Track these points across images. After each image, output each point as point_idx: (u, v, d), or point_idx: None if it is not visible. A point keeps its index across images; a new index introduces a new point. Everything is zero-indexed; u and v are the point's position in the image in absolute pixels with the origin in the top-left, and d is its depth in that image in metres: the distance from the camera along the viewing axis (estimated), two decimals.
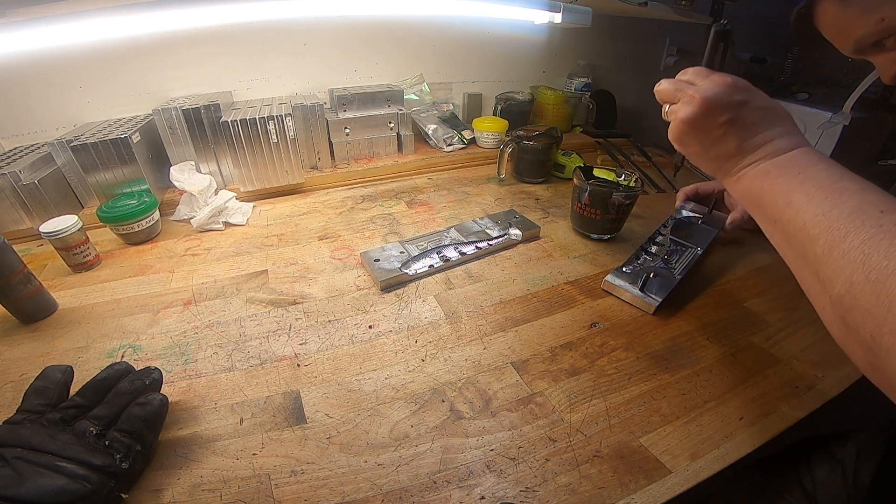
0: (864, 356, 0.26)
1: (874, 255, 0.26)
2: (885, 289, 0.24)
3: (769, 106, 0.37)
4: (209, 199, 0.73)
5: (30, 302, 0.52)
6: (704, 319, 0.54)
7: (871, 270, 0.25)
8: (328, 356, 0.47)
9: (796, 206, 0.32)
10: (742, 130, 0.37)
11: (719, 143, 0.38)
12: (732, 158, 0.38)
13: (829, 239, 0.28)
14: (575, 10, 0.78)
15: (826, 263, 0.28)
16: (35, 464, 0.30)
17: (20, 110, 0.78)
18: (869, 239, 0.26)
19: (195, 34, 0.82)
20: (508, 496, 0.34)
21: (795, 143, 0.36)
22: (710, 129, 0.38)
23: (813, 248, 0.30)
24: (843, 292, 0.27)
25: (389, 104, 0.93)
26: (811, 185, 0.32)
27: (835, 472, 0.47)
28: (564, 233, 0.72)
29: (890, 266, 0.25)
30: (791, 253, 0.33)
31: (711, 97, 0.36)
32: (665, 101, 0.42)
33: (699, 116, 0.37)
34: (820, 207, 0.30)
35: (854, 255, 0.27)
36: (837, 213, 0.29)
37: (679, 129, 0.39)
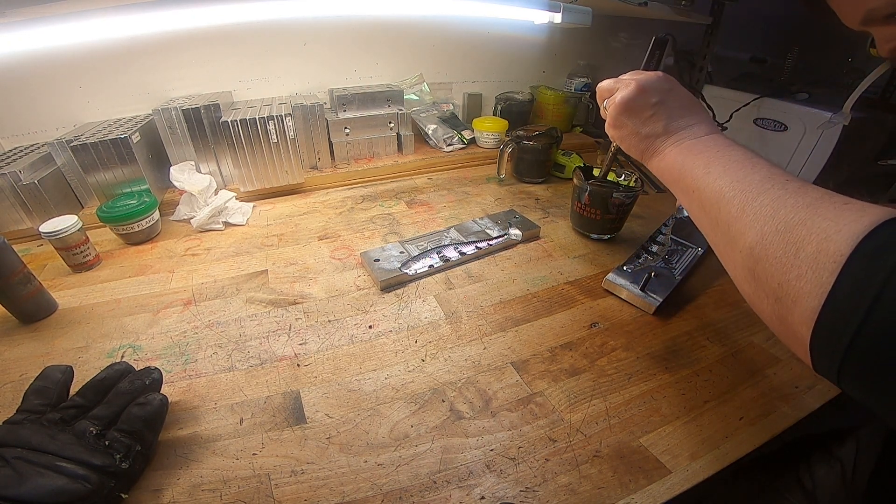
0: (772, 308, 0.28)
1: (782, 209, 0.28)
2: (792, 238, 0.27)
3: (690, 98, 0.44)
4: (209, 199, 0.73)
5: (30, 302, 0.52)
6: (704, 319, 0.54)
7: (779, 222, 0.28)
8: (328, 356, 0.47)
9: (714, 174, 0.35)
10: (668, 112, 0.42)
11: (649, 123, 0.43)
12: (659, 137, 0.43)
13: (742, 199, 0.31)
14: (575, 10, 0.78)
15: (739, 220, 0.31)
16: (35, 464, 0.30)
17: (20, 110, 0.78)
18: (777, 198, 0.29)
19: (195, 34, 0.82)
20: (508, 496, 0.34)
21: (713, 129, 0.41)
22: (642, 109, 0.43)
23: (727, 208, 0.32)
24: (755, 243, 0.29)
25: (389, 104, 0.93)
26: (727, 159, 0.36)
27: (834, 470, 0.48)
28: (564, 233, 0.72)
29: (796, 217, 0.27)
30: (706, 218, 0.36)
31: (644, 81, 0.43)
32: (604, 97, 0.47)
33: (634, 97, 0.43)
34: (735, 175, 0.33)
35: (765, 211, 0.29)
36: (750, 179, 0.32)
37: (615, 111, 0.45)
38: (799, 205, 0.28)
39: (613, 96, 0.45)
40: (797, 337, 0.26)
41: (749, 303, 0.32)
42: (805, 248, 0.25)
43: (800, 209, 0.27)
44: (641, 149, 0.44)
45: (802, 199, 0.28)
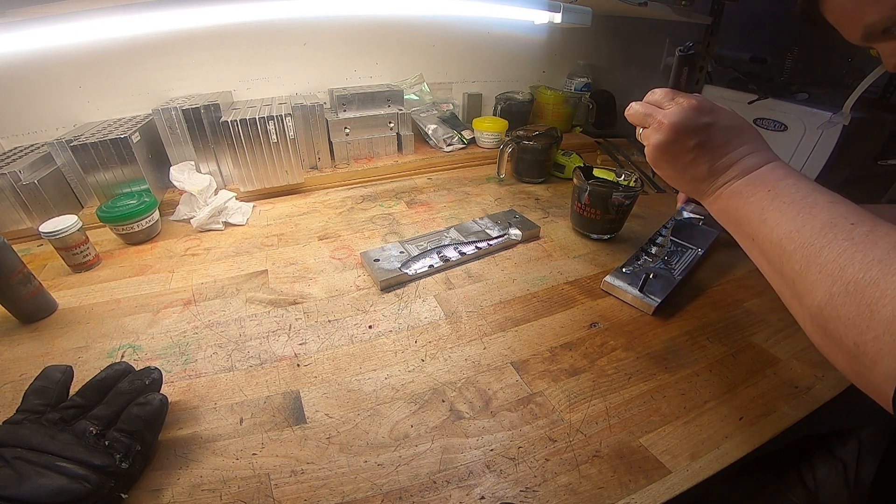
0: (848, 363, 0.27)
1: (849, 267, 0.26)
2: (863, 299, 0.25)
3: (735, 125, 0.38)
4: (209, 199, 0.73)
5: (30, 302, 0.51)
6: (704, 319, 0.54)
7: (848, 282, 0.26)
8: (328, 356, 0.47)
9: (770, 223, 0.33)
10: (711, 152, 0.38)
11: (691, 167, 0.39)
12: (706, 180, 0.39)
13: (805, 255, 0.29)
14: (575, 10, 0.78)
15: (804, 278, 0.29)
16: (35, 464, 0.30)
17: (20, 110, 0.78)
18: (843, 252, 0.27)
19: (195, 34, 0.82)
20: (508, 496, 0.34)
21: (764, 159, 0.36)
22: (680, 154, 0.39)
23: (790, 263, 0.30)
24: (824, 304, 0.28)
25: (389, 104, 0.93)
26: (782, 202, 0.32)
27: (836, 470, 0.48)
28: (564, 233, 0.72)
29: (866, 277, 0.25)
30: (769, 268, 0.34)
31: (678, 123, 0.37)
32: (637, 124, 0.43)
33: (669, 142, 0.38)
34: (793, 223, 0.31)
35: (831, 269, 0.27)
36: (810, 229, 0.30)
37: (652, 155, 0.41)
38: (868, 260, 0.26)
39: (647, 134, 0.41)
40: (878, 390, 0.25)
41: (821, 352, 0.30)
42: (880, 309, 0.24)
43: (871, 267, 0.25)
44: (690, 191, 0.41)
45: (872, 253, 0.26)
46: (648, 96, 0.42)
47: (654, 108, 0.40)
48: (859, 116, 0.79)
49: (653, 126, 0.40)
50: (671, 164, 0.40)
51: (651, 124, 0.40)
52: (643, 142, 0.42)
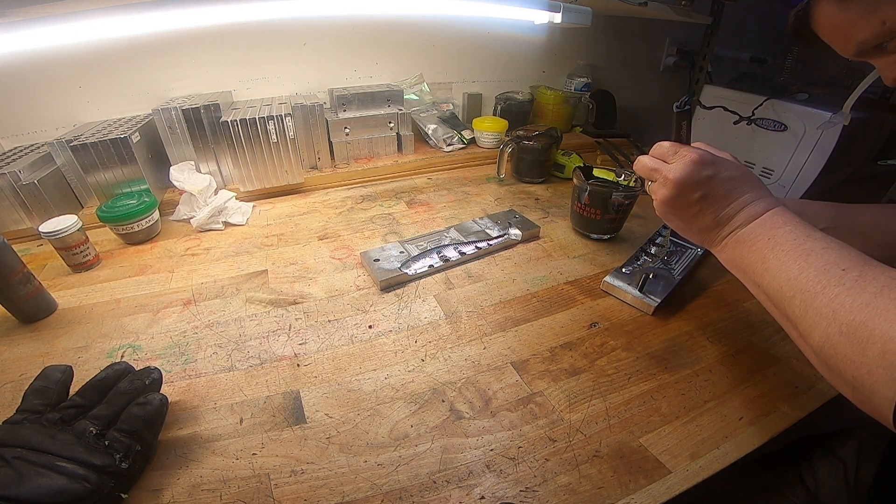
0: (852, 393, 0.30)
1: (841, 311, 0.29)
2: (856, 339, 0.28)
3: (736, 175, 0.40)
4: (209, 198, 0.73)
5: (29, 302, 0.51)
6: (704, 319, 0.54)
7: (841, 324, 0.29)
8: (328, 356, 0.47)
9: (772, 271, 0.35)
10: (715, 203, 0.40)
11: (697, 218, 0.41)
12: (712, 231, 0.41)
13: (802, 300, 0.32)
14: (575, 10, 0.78)
15: (803, 321, 0.32)
16: (35, 464, 0.30)
17: (20, 110, 0.78)
18: (835, 297, 0.30)
19: (195, 34, 0.82)
20: (508, 496, 0.34)
21: (765, 206, 0.39)
22: (686, 207, 0.41)
23: (791, 307, 0.33)
24: (822, 343, 0.30)
25: (389, 104, 0.93)
26: (781, 250, 0.35)
27: (836, 470, 0.48)
28: (564, 233, 0.72)
29: (856, 320, 0.28)
30: (776, 311, 0.37)
31: (681, 178, 0.40)
32: (645, 178, 0.45)
33: (674, 197, 0.41)
34: (790, 272, 0.34)
35: (825, 312, 0.30)
36: (806, 276, 0.33)
37: (660, 209, 0.44)
38: (857, 305, 0.29)
39: (654, 189, 0.44)
40: (881, 416, 0.28)
41: (829, 382, 0.33)
42: (871, 348, 0.27)
43: (859, 310, 0.28)
44: (699, 241, 0.44)
45: (860, 298, 0.29)
46: (654, 149, 0.44)
47: (660, 162, 0.43)
48: (859, 116, 0.79)
49: (659, 181, 0.42)
50: (679, 217, 0.43)
51: (657, 179, 0.43)
52: (652, 195, 0.45)
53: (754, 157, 0.96)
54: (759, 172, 0.95)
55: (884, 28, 0.38)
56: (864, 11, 0.39)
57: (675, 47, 1.31)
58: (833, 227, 0.45)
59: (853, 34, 0.41)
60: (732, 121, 0.96)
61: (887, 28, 0.38)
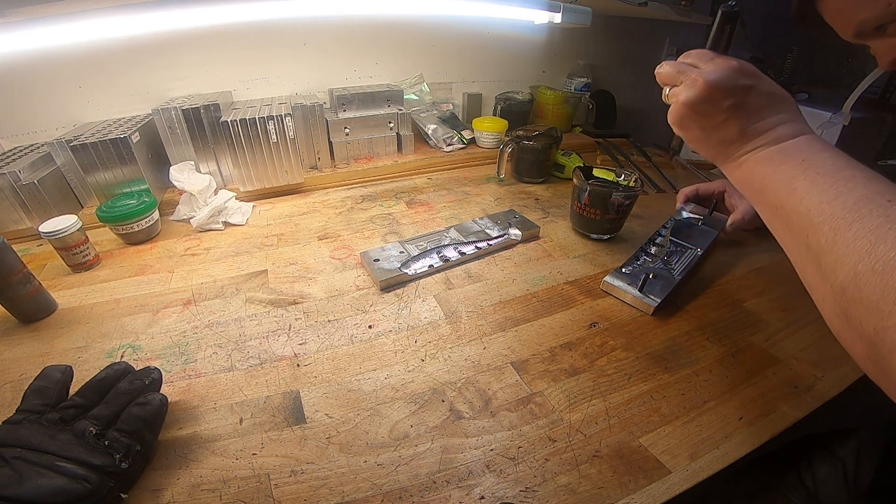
0: (866, 351, 0.25)
1: (881, 244, 0.24)
2: (891, 281, 0.23)
3: (775, 92, 0.36)
4: (209, 198, 0.73)
5: (29, 302, 0.51)
6: (704, 319, 0.54)
7: (877, 261, 0.24)
8: (328, 356, 0.47)
9: (800, 192, 0.31)
10: (746, 116, 0.36)
11: (721, 128, 0.37)
12: (734, 144, 0.37)
13: (833, 227, 0.27)
14: (575, 10, 0.78)
15: (829, 252, 0.27)
16: (35, 464, 0.30)
17: (20, 110, 0.78)
18: (876, 228, 0.25)
19: (195, 34, 0.82)
20: (508, 496, 0.34)
21: (800, 129, 0.35)
22: (712, 114, 0.37)
23: (816, 236, 0.28)
24: (847, 283, 0.26)
25: (389, 104, 0.93)
26: (816, 172, 0.30)
27: (836, 470, 0.48)
28: (564, 233, 0.72)
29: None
30: (792, 241, 0.32)
31: (716, 81, 0.35)
32: (666, 83, 0.40)
33: (702, 100, 0.36)
34: (825, 195, 0.29)
35: (860, 245, 0.25)
36: (843, 202, 0.28)
37: (680, 113, 0.38)
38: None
39: (676, 91, 0.38)
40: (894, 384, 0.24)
41: (837, 337, 0.29)
42: None
43: None
44: (712, 153, 0.39)
45: None
46: (683, 57, 0.40)
47: (689, 66, 0.39)
48: (859, 116, 0.79)
49: (686, 83, 0.37)
50: (699, 124, 0.38)
51: (684, 81, 0.38)
52: (670, 100, 0.40)
53: None
54: None
55: (889, 10, 0.37)
56: None
57: (675, 47, 1.31)
58: None
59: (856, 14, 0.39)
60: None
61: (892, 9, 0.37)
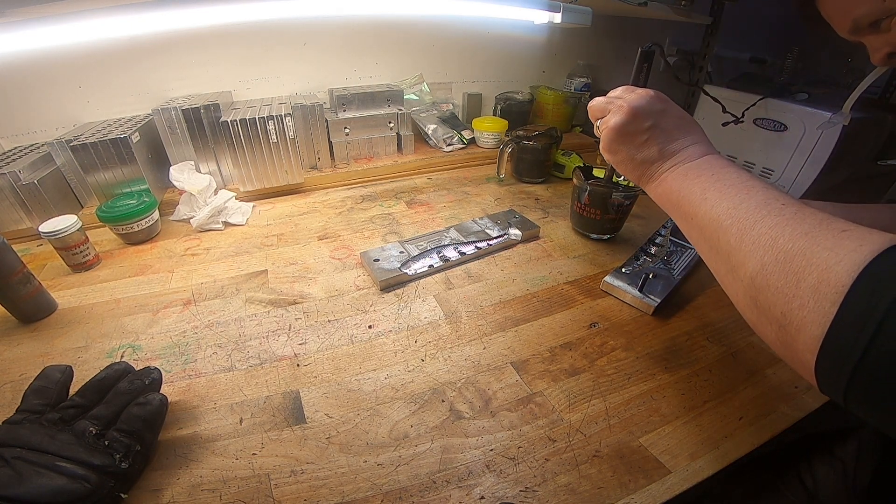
0: (777, 334, 0.28)
1: (780, 238, 0.28)
2: (792, 267, 0.27)
3: (684, 116, 0.42)
4: (209, 198, 0.73)
5: (29, 302, 0.51)
6: (704, 319, 0.54)
7: (778, 252, 0.28)
8: (328, 356, 0.47)
9: (711, 201, 0.35)
10: (662, 136, 0.41)
11: (643, 148, 0.42)
12: (655, 163, 0.42)
13: (740, 228, 0.31)
14: (575, 10, 0.78)
15: (738, 250, 0.31)
16: (34, 464, 0.30)
17: (20, 110, 0.78)
18: (775, 226, 0.29)
19: (195, 34, 0.82)
20: (508, 496, 0.34)
21: (707, 150, 0.40)
22: (635, 135, 0.42)
23: (726, 237, 0.32)
24: (755, 274, 0.29)
25: (389, 104, 0.93)
26: (723, 184, 0.35)
27: (835, 470, 0.48)
28: (564, 233, 0.72)
29: (795, 248, 0.27)
30: (705, 245, 0.36)
31: (637, 106, 0.41)
32: (597, 116, 0.46)
33: (627, 122, 0.42)
34: (731, 202, 0.33)
35: (763, 241, 0.29)
36: (746, 206, 0.32)
37: (609, 137, 0.43)
38: (797, 233, 0.28)
39: (605, 120, 0.44)
40: (802, 362, 0.26)
41: (752, 327, 0.32)
42: (806, 278, 0.26)
43: (798, 238, 0.27)
44: (638, 174, 0.44)
45: (800, 227, 0.28)
46: (611, 93, 0.46)
47: (616, 98, 0.44)
48: (859, 116, 0.79)
49: (613, 111, 0.43)
50: (626, 146, 0.43)
51: (611, 110, 0.43)
52: (601, 131, 0.45)
53: (754, 157, 0.96)
54: (759, 172, 0.95)
55: (883, 6, 0.39)
56: None
57: (675, 47, 1.31)
58: None
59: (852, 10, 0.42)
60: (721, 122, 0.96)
61: (886, 6, 0.39)
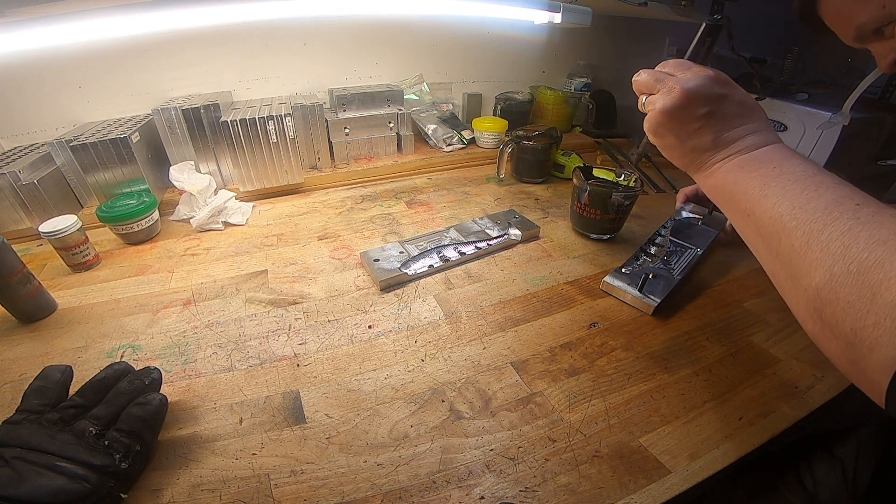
0: (843, 351, 0.26)
1: (854, 246, 0.25)
2: (866, 280, 0.24)
3: (747, 101, 0.37)
4: (209, 198, 0.73)
5: (29, 302, 0.51)
6: (704, 319, 0.54)
7: (851, 262, 0.25)
8: (328, 356, 0.47)
9: (772, 198, 0.31)
10: (719, 124, 0.36)
11: (695, 136, 0.37)
12: (707, 152, 0.37)
13: (806, 231, 0.28)
14: (575, 10, 0.78)
15: (803, 256, 0.28)
16: (34, 464, 0.30)
17: (20, 110, 0.78)
18: (848, 231, 0.26)
19: (195, 34, 0.82)
20: (508, 496, 0.34)
21: (770, 139, 0.36)
22: (687, 121, 0.37)
23: (789, 240, 0.29)
24: (822, 285, 0.26)
25: (389, 104, 0.93)
26: (787, 179, 0.31)
27: (834, 470, 0.48)
28: (564, 233, 0.72)
29: (871, 257, 0.24)
30: (763, 247, 0.33)
31: (692, 88, 0.36)
32: (643, 91, 0.41)
33: (679, 107, 0.37)
34: (797, 200, 0.30)
35: (834, 247, 0.26)
36: (814, 206, 0.28)
37: (656, 120, 0.39)
38: (874, 240, 0.24)
39: (653, 99, 0.39)
40: (872, 382, 0.24)
41: (813, 339, 0.29)
42: (883, 293, 0.23)
43: (875, 246, 0.24)
44: (685, 162, 0.40)
45: (878, 233, 0.24)
46: (660, 66, 0.41)
47: (666, 75, 0.39)
48: (859, 116, 0.79)
49: (663, 91, 0.38)
50: (674, 132, 0.39)
51: (661, 90, 0.38)
52: (647, 109, 0.40)
53: None
54: None
55: (883, 12, 0.39)
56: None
57: (675, 47, 1.31)
58: None
59: (854, 18, 0.41)
60: None
61: (887, 12, 0.39)
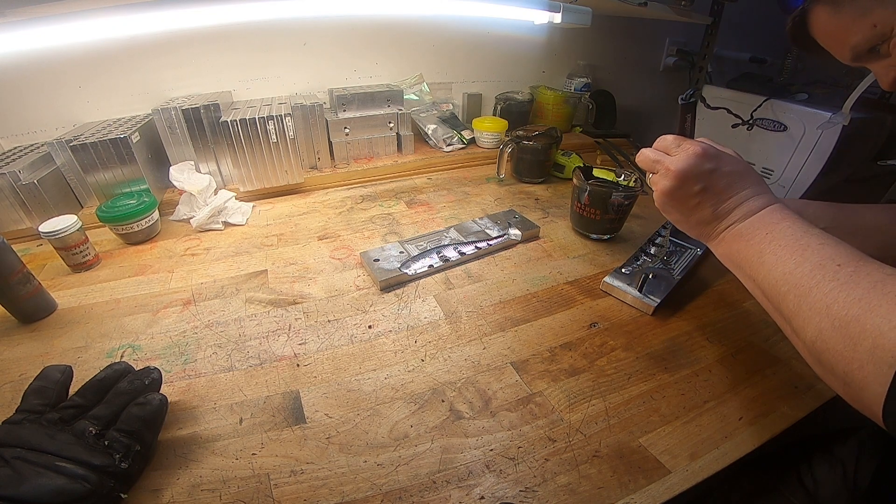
0: (843, 389, 0.30)
1: (834, 306, 0.30)
2: (847, 333, 0.28)
3: (737, 170, 0.41)
4: (208, 198, 0.73)
5: (29, 302, 0.51)
6: (704, 319, 0.54)
7: (834, 319, 0.29)
8: (328, 356, 0.47)
9: (767, 266, 0.36)
10: (714, 197, 0.40)
11: (696, 211, 0.42)
12: (710, 224, 0.42)
13: (797, 295, 0.33)
14: (575, 10, 0.78)
15: (797, 315, 0.33)
16: (34, 464, 0.30)
17: (19, 110, 0.78)
18: (829, 292, 0.30)
19: (195, 34, 0.82)
20: (508, 496, 0.34)
21: (764, 202, 0.39)
22: (686, 199, 0.41)
23: (786, 302, 0.34)
24: (815, 339, 0.31)
25: (389, 104, 0.93)
26: (778, 245, 0.36)
27: (835, 470, 0.48)
28: (564, 233, 0.72)
29: (849, 314, 0.29)
30: (770, 306, 0.37)
31: (683, 169, 0.40)
32: (647, 170, 0.45)
33: (675, 188, 0.41)
34: (786, 266, 0.34)
35: (819, 307, 0.31)
36: (801, 271, 0.33)
37: (660, 200, 0.44)
38: (851, 299, 0.29)
39: (655, 179, 0.43)
40: (871, 412, 0.28)
41: (822, 379, 0.33)
42: (862, 343, 0.27)
43: (852, 305, 0.29)
44: (696, 234, 0.44)
45: (854, 292, 0.29)
46: (658, 142, 0.44)
47: (663, 154, 0.43)
48: (859, 116, 0.79)
49: (661, 172, 0.42)
50: (678, 209, 0.43)
51: (659, 170, 0.42)
52: (652, 187, 0.44)
53: (754, 158, 0.96)
54: (759, 172, 0.95)
55: (875, 31, 0.39)
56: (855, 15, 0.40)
57: (675, 47, 1.31)
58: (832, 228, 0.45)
59: (847, 39, 0.41)
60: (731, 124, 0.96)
61: (878, 31, 0.39)
